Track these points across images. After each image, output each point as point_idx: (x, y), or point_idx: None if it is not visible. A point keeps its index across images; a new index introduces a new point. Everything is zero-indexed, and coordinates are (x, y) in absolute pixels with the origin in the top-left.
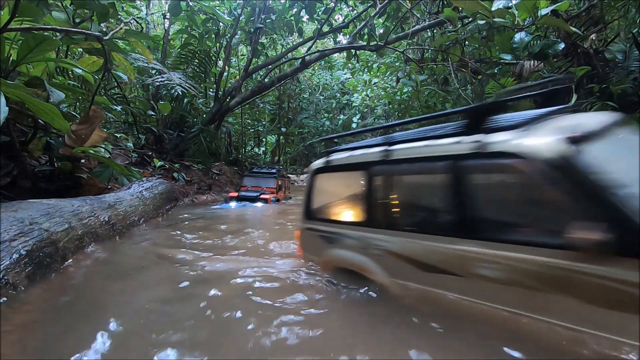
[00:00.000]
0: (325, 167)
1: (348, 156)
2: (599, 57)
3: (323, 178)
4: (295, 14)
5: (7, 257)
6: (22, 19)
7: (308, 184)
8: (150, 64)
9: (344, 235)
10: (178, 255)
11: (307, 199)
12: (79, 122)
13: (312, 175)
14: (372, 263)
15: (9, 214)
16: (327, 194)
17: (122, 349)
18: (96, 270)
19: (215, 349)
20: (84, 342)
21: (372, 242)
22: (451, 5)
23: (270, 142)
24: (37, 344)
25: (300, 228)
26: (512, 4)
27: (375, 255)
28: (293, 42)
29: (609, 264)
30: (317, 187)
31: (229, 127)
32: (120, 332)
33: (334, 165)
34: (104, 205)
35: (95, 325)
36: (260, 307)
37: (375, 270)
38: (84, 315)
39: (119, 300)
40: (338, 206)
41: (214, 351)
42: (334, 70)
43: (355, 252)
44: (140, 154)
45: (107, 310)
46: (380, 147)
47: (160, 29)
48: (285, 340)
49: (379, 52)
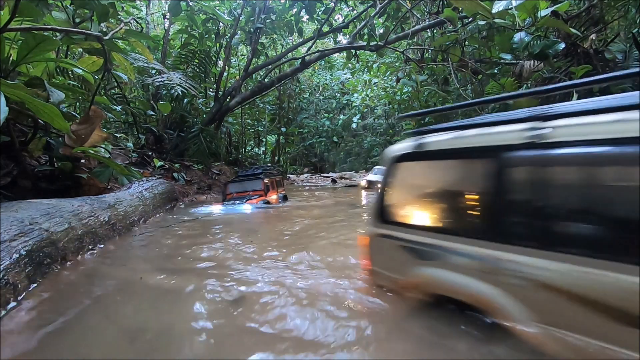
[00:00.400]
0: (416, 154)
1: (456, 138)
2: (599, 57)
3: (411, 168)
4: (295, 14)
5: (7, 257)
6: (22, 19)
7: (385, 175)
8: (150, 64)
9: (448, 250)
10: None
11: (381, 196)
12: (79, 122)
13: (393, 164)
14: (505, 297)
15: (9, 214)
16: (418, 189)
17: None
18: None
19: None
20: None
21: (505, 265)
22: (451, 6)
23: (270, 142)
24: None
25: (370, 234)
26: (513, 5)
27: (512, 285)
28: (293, 42)
29: None
30: (400, 179)
31: (229, 127)
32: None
33: (431, 150)
34: (104, 205)
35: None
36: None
37: (509, 308)
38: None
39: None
40: (436, 207)
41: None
42: (334, 70)
43: (470, 277)
44: (140, 154)
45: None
46: (521, 125)
47: (160, 29)
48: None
49: (379, 52)
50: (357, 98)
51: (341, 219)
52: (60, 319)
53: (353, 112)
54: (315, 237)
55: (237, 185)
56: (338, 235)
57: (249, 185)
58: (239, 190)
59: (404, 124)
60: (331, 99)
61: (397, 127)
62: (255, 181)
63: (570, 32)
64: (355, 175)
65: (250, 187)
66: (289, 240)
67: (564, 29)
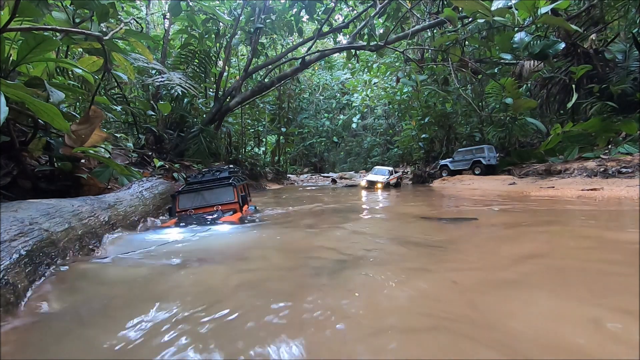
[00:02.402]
0: None
1: None
2: (599, 57)
3: None
4: (295, 14)
5: (7, 257)
6: (22, 19)
7: None
8: (150, 64)
9: None
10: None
11: None
12: (79, 122)
13: None
14: None
15: (9, 214)
16: None
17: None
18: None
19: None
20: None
21: None
22: (451, 5)
23: (270, 142)
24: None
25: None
26: (512, 3)
27: None
28: (293, 42)
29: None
30: None
31: (229, 127)
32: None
33: None
34: (104, 205)
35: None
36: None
37: None
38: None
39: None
40: None
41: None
42: (334, 71)
43: None
44: (140, 154)
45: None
46: None
47: (160, 29)
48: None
49: (379, 52)
50: (357, 98)
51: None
52: (60, 318)
53: (353, 112)
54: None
55: (195, 198)
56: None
57: (215, 196)
58: (199, 205)
59: (404, 124)
60: (331, 99)
61: (397, 127)
62: (223, 190)
63: (570, 30)
64: (355, 175)
65: (216, 198)
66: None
67: (564, 26)
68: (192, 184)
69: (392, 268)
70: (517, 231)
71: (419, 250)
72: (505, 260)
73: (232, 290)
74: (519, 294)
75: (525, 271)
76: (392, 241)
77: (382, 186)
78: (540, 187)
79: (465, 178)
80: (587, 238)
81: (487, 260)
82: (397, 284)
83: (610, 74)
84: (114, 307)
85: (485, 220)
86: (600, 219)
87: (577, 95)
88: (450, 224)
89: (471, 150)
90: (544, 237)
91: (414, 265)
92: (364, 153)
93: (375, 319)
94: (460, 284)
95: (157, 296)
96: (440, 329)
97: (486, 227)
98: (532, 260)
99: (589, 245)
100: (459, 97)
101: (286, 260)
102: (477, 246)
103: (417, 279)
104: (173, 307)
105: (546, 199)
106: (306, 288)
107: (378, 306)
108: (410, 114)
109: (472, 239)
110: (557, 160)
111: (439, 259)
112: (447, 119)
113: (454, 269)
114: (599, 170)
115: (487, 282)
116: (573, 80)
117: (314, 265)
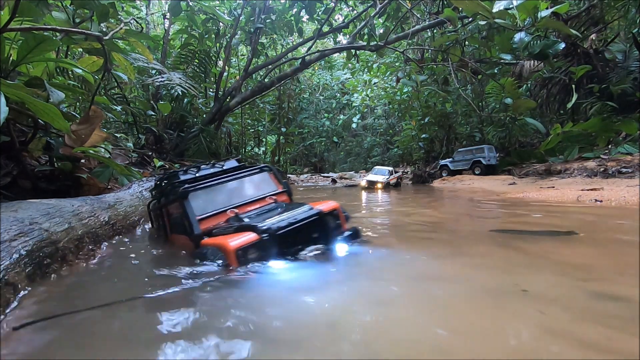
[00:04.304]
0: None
1: None
2: (599, 57)
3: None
4: (295, 14)
5: (7, 257)
6: (22, 19)
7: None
8: (150, 64)
9: None
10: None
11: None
12: (79, 122)
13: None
14: None
15: (9, 214)
16: None
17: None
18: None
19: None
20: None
21: None
22: (451, 6)
23: (270, 142)
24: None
25: None
26: (513, 5)
27: None
28: (293, 42)
29: None
30: None
31: (229, 127)
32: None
33: None
34: (104, 205)
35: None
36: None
37: None
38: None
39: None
40: None
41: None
42: (334, 70)
43: None
44: (140, 154)
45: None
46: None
47: (160, 29)
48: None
49: (379, 52)
50: (357, 98)
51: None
52: (60, 318)
53: (353, 112)
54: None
55: (216, 195)
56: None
57: (250, 186)
58: (234, 203)
59: (404, 124)
60: (331, 99)
61: (397, 127)
62: (258, 177)
63: (570, 34)
64: (355, 175)
65: (255, 190)
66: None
67: (564, 30)
68: (202, 175)
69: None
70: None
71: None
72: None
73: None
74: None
75: None
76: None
77: (382, 186)
78: (541, 187)
79: (465, 178)
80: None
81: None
82: None
83: (610, 74)
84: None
85: (590, 235)
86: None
87: (577, 95)
88: (548, 240)
89: (471, 150)
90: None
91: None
92: (364, 153)
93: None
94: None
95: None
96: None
97: (605, 244)
98: None
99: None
100: (459, 97)
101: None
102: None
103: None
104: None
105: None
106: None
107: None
108: (410, 114)
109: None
110: (557, 160)
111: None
112: (447, 119)
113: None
114: (599, 170)
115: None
116: (573, 80)
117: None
